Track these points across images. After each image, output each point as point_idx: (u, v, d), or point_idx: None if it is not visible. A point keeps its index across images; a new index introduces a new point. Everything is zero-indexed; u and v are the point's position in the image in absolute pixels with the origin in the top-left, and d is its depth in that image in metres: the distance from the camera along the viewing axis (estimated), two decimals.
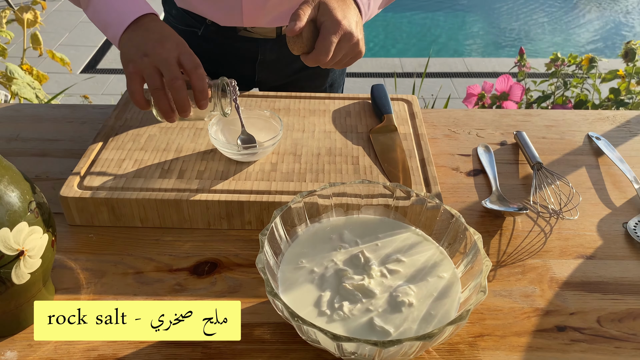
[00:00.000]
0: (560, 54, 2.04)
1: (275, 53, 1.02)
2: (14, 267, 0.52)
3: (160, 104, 0.68)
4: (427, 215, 0.64)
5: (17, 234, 0.52)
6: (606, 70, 1.97)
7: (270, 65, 1.04)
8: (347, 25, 0.71)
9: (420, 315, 0.55)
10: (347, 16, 0.72)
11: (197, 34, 1.00)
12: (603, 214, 0.76)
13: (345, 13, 0.72)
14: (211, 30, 0.99)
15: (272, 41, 1.00)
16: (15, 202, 0.52)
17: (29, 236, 0.53)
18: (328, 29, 0.70)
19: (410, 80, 3.27)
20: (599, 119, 0.97)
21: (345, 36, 0.71)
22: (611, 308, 0.63)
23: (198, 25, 0.99)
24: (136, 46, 0.70)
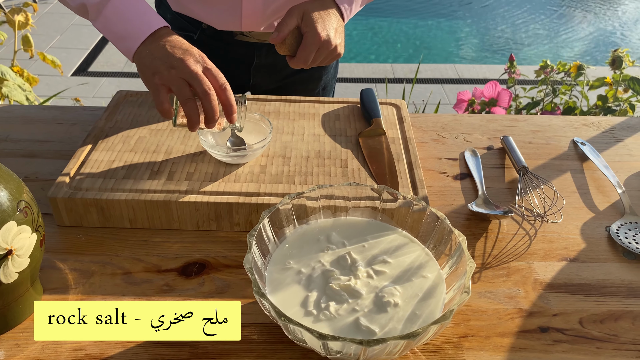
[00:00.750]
0: (550, 61, 2.07)
1: (270, 57, 1.03)
2: (1, 266, 0.52)
3: (192, 113, 0.69)
4: (413, 218, 0.65)
5: (5, 233, 0.52)
6: (594, 78, 2.00)
7: (265, 69, 1.05)
8: (326, 36, 0.79)
9: (406, 315, 0.56)
10: (326, 26, 0.80)
11: (193, 38, 1.00)
12: (586, 218, 0.78)
13: (326, 23, 0.80)
14: (207, 35, 0.99)
15: (267, 45, 1.01)
16: (4, 201, 0.53)
17: (18, 235, 0.53)
18: (308, 40, 0.79)
19: (401, 86, 3.29)
20: (584, 125, 0.99)
21: (324, 45, 0.79)
22: (593, 310, 0.64)
23: (194, 30, 1.00)
24: (161, 59, 0.71)
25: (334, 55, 0.82)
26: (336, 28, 0.81)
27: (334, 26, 0.81)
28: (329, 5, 0.83)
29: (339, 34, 0.82)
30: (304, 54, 0.79)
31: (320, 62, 0.82)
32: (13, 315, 0.58)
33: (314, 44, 0.79)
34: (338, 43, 0.81)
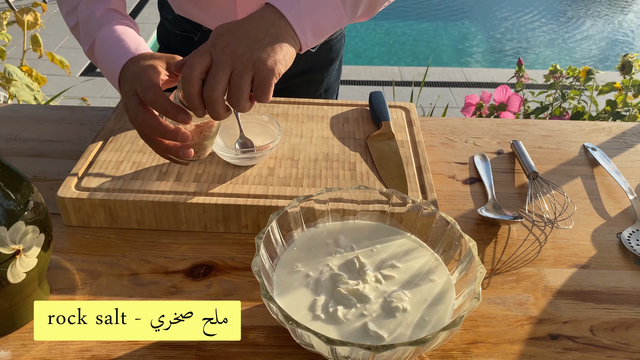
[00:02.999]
0: (559, 66, 2.06)
1: None
2: (9, 266, 0.52)
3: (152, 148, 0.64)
4: (422, 222, 0.64)
5: (13, 233, 0.52)
6: (603, 83, 1.99)
7: None
8: (224, 42, 0.59)
9: (414, 320, 0.55)
10: (230, 29, 0.60)
11: (194, 39, 1.00)
12: (597, 224, 0.77)
13: (238, 34, 0.60)
14: (207, 36, 0.99)
15: None
16: (13, 201, 0.53)
17: (25, 235, 0.53)
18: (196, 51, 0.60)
19: (409, 89, 3.28)
20: (595, 130, 0.98)
21: (218, 49, 0.58)
22: (604, 317, 0.63)
23: (194, 31, 1.00)
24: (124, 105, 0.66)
25: (245, 62, 0.57)
26: (253, 30, 0.60)
27: (249, 27, 0.60)
28: (257, 13, 0.63)
29: (259, 40, 0.59)
30: (189, 61, 0.58)
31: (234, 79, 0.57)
32: (20, 315, 0.58)
33: (202, 47, 0.59)
34: (253, 46, 0.58)
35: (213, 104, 0.57)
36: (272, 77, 0.58)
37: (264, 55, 0.58)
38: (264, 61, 0.57)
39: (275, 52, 0.59)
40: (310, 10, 0.64)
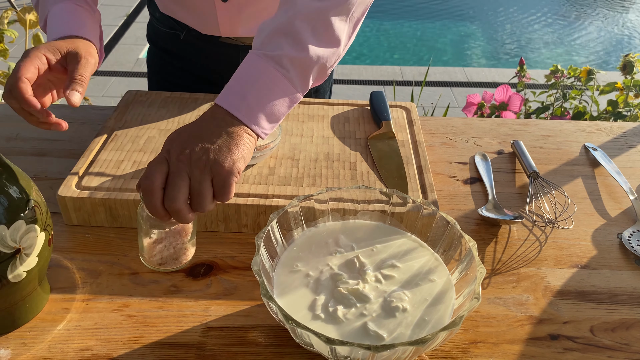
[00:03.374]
0: (560, 65, 2.05)
1: None
2: (9, 265, 0.52)
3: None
4: (423, 222, 0.64)
5: (13, 232, 0.52)
6: (604, 83, 1.99)
7: None
8: (175, 146, 0.58)
9: (414, 320, 0.55)
10: (182, 135, 0.59)
11: (180, 37, 1.00)
12: (598, 224, 0.77)
13: (182, 133, 0.60)
14: (193, 35, 0.99)
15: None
16: (14, 199, 0.53)
17: (26, 234, 0.53)
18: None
19: (410, 89, 3.28)
20: (596, 130, 0.98)
21: (172, 156, 0.57)
22: (604, 318, 0.63)
23: (180, 29, 0.99)
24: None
25: (201, 166, 0.56)
26: (213, 139, 0.58)
27: (202, 131, 0.59)
28: (212, 117, 0.61)
29: (213, 142, 0.58)
30: (169, 190, 0.56)
31: (193, 185, 0.56)
32: (20, 314, 0.58)
33: (155, 158, 0.58)
34: (208, 149, 0.57)
35: (177, 213, 0.56)
36: (231, 178, 0.57)
37: (221, 157, 0.57)
38: (221, 163, 0.56)
39: (231, 151, 0.58)
40: (259, 103, 0.62)
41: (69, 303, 0.62)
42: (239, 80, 0.63)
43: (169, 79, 1.07)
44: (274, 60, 0.63)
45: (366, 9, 0.70)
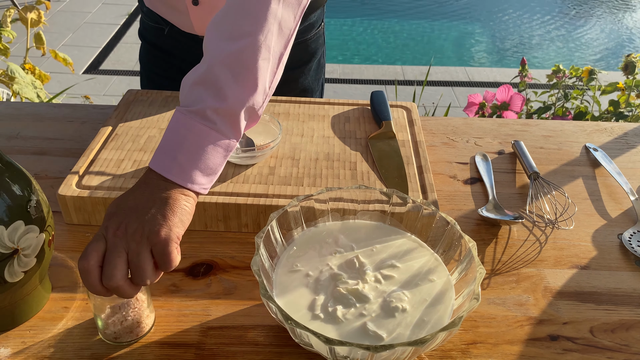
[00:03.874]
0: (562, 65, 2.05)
1: None
2: (7, 266, 0.52)
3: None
4: (422, 222, 0.64)
5: (12, 232, 0.52)
6: (606, 83, 1.98)
7: None
8: (109, 223, 0.55)
9: (414, 321, 0.55)
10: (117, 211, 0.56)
11: (164, 31, 1.00)
12: (598, 225, 0.77)
13: (118, 208, 0.56)
14: (175, 31, 0.99)
15: None
16: (14, 199, 0.53)
17: (25, 235, 0.53)
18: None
19: (411, 88, 3.28)
20: (597, 131, 0.98)
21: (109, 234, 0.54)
22: (604, 318, 0.63)
23: (165, 24, 0.99)
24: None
25: (137, 238, 0.53)
26: (147, 208, 0.55)
27: (145, 206, 0.56)
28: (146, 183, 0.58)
29: (152, 214, 0.55)
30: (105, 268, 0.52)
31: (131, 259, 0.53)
32: (20, 312, 0.58)
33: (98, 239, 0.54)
34: (143, 219, 0.54)
35: (117, 290, 0.52)
36: (170, 245, 0.54)
37: (156, 226, 0.54)
38: (157, 232, 0.53)
39: (166, 218, 0.55)
40: (190, 160, 0.59)
41: (69, 302, 0.62)
42: (168, 141, 0.59)
43: (158, 71, 1.08)
44: (199, 115, 0.59)
45: (288, 42, 0.65)
